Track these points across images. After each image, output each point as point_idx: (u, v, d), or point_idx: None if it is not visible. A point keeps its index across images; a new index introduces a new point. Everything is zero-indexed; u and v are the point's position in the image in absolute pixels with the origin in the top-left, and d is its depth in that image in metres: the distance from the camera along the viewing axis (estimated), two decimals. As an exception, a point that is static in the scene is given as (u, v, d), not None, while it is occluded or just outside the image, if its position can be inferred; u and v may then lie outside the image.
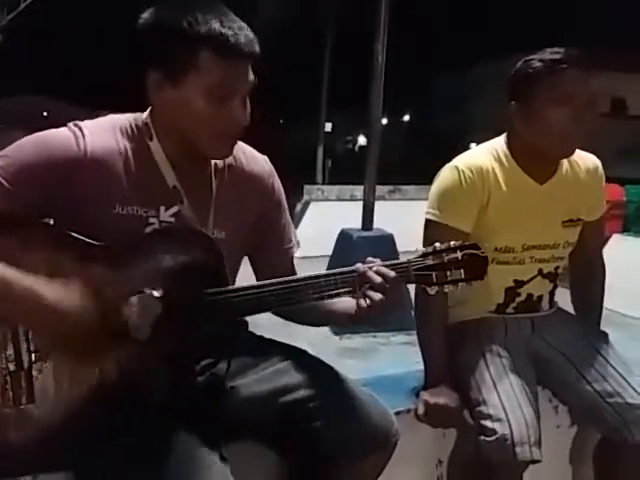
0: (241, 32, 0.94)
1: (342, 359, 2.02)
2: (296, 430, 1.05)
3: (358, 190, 4.76)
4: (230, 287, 0.98)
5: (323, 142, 9.92)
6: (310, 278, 0.98)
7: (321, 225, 4.81)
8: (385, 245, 3.56)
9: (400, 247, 3.57)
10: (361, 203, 3.91)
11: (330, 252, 3.98)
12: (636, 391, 1.31)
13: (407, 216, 3.03)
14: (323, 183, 9.15)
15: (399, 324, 2.68)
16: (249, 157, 1.12)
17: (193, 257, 0.97)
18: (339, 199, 6.08)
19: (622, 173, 7.37)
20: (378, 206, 3.95)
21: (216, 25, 0.92)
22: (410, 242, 1.39)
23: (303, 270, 1.01)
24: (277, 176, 1.16)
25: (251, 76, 0.98)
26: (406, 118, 21.59)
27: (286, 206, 1.18)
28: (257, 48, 0.96)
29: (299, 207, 5.80)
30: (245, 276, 1.10)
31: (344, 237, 3.84)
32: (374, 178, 3.83)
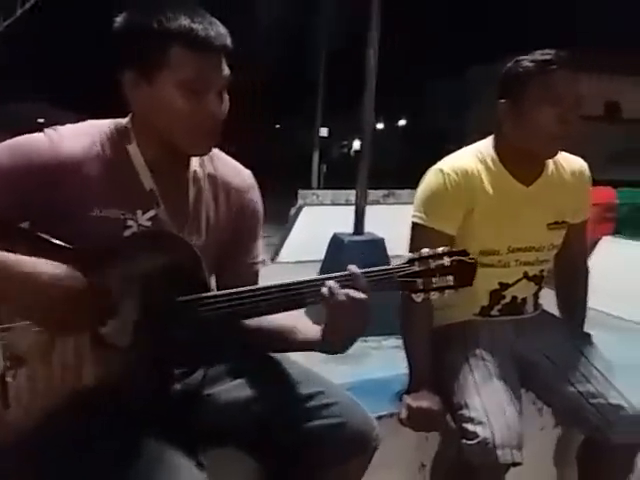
0: (211, 26, 0.96)
1: (332, 364, 2.01)
2: (275, 436, 1.05)
3: (353, 195, 4.77)
4: (210, 293, 0.98)
5: (319, 147, 9.95)
6: (290, 284, 0.97)
7: (316, 230, 4.82)
8: (375, 249, 3.59)
9: (395, 251, 3.58)
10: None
11: (324, 257, 3.99)
12: (618, 392, 1.31)
13: (401, 220, 3.03)
14: (318, 188, 9.17)
15: (390, 328, 2.67)
16: (231, 169, 1.13)
17: (173, 262, 0.96)
18: (334, 204, 6.09)
19: (615, 176, 7.40)
20: (373, 210, 3.96)
21: (185, 21, 0.94)
22: (405, 246, 1.39)
23: (297, 274, 1.00)
24: (258, 191, 1.17)
25: (226, 70, 0.99)
26: (402, 123, 21.65)
27: (262, 222, 1.18)
28: (229, 42, 0.98)
29: (293, 212, 5.81)
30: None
31: (335, 241, 3.86)
32: (365, 183, 3.85)
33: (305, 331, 1.06)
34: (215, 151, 1.10)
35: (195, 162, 1.08)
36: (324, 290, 0.96)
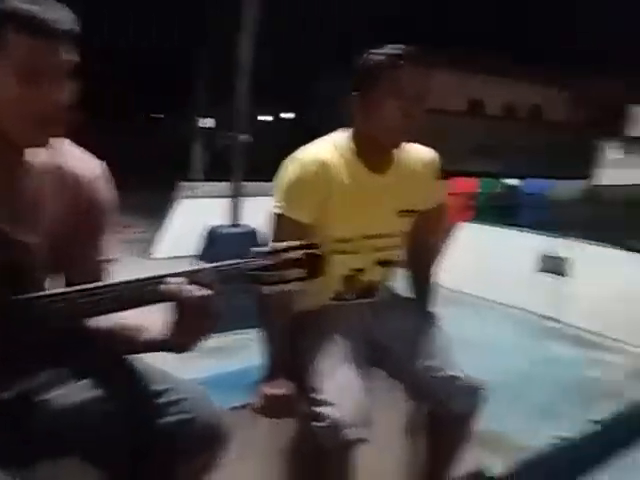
0: (52, 10, 0.89)
1: (206, 359, 1.96)
2: (122, 436, 1.00)
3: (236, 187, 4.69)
4: (43, 293, 0.91)
5: (200, 138, 9.70)
6: (124, 283, 0.91)
7: (193, 223, 4.68)
8: (248, 240, 3.57)
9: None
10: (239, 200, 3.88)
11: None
12: (455, 364, 1.41)
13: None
14: (205, 180, 8.93)
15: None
16: (79, 160, 1.05)
17: (2, 262, 0.88)
18: (213, 196, 5.96)
19: (477, 168, 8.06)
20: (257, 202, 3.92)
21: (22, 3, 0.87)
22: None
23: (172, 270, 0.92)
24: (108, 182, 1.08)
25: (68, 56, 0.92)
26: (290, 115, 21.79)
27: (112, 216, 1.10)
28: (72, 26, 0.91)
29: (174, 204, 5.59)
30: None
31: (210, 234, 3.80)
32: (241, 174, 3.84)
33: (151, 330, 1.00)
34: (62, 142, 1.02)
35: (38, 154, 0.99)
36: (164, 287, 0.91)
